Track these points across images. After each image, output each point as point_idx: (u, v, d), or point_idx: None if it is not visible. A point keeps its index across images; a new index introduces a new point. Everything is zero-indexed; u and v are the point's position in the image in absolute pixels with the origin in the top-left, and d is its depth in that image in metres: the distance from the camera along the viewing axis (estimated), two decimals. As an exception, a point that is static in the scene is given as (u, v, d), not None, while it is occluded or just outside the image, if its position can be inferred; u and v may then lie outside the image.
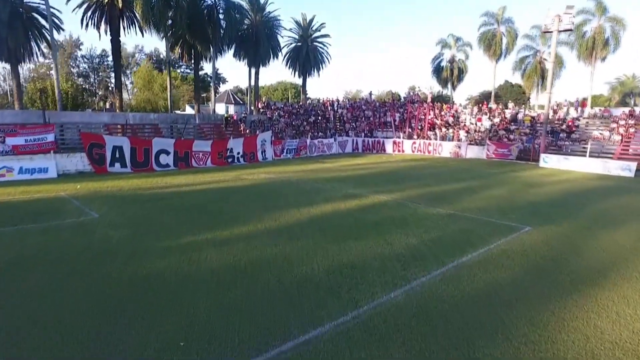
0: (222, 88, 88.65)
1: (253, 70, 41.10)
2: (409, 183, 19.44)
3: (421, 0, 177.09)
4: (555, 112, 33.61)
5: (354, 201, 14.67)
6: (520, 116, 35.02)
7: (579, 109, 33.03)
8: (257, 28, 36.32)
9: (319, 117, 39.09)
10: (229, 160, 26.61)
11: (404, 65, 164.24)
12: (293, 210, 12.98)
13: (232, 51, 37.68)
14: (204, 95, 79.79)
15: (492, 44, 42.74)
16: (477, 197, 16.21)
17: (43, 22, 29.07)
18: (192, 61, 37.23)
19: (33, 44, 29.78)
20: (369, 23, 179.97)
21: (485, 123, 35.66)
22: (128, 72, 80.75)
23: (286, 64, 50.73)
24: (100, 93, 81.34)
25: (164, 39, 31.11)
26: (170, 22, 29.52)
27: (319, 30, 47.79)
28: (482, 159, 31.73)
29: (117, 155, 22.09)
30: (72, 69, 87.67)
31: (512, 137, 32.83)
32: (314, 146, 32.39)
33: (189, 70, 70.10)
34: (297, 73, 48.90)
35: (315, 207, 13.60)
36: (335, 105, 42.36)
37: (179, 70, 72.64)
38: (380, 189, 17.10)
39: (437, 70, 48.73)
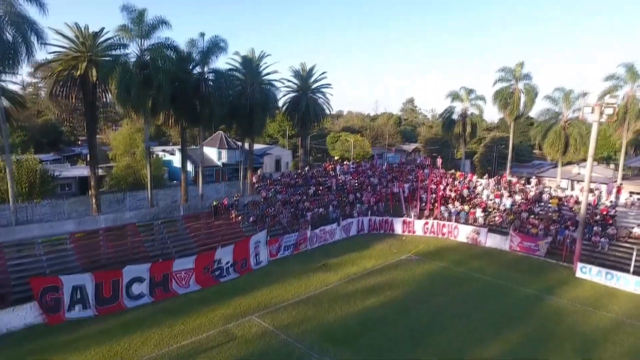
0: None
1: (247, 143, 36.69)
2: (437, 350, 16.01)
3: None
4: (585, 194, 29.86)
5: None
6: (545, 197, 31.26)
7: (614, 193, 29.29)
8: (251, 96, 32.32)
9: (320, 187, 35.24)
10: (216, 274, 22.69)
11: (402, 79, 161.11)
12: None
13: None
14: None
15: (508, 103, 39.01)
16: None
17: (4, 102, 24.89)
18: (179, 127, 33.12)
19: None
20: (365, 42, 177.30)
21: (506, 202, 31.90)
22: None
23: (283, 114, 47.13)
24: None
25: (145, 122, 26.96)
26: (151, 103, 25.38)
27: (319, 81, 44.10)
28: (505, 251, 28.18)
29: (78, 296, 18.15)
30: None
31: (536, 222, 29.05)
32: (315, 237, 28.46)
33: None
34: (294, 125, 45.20)
35: None
36: (338, 169, 38.53)
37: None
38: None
39: (448, 125, 44.83)
